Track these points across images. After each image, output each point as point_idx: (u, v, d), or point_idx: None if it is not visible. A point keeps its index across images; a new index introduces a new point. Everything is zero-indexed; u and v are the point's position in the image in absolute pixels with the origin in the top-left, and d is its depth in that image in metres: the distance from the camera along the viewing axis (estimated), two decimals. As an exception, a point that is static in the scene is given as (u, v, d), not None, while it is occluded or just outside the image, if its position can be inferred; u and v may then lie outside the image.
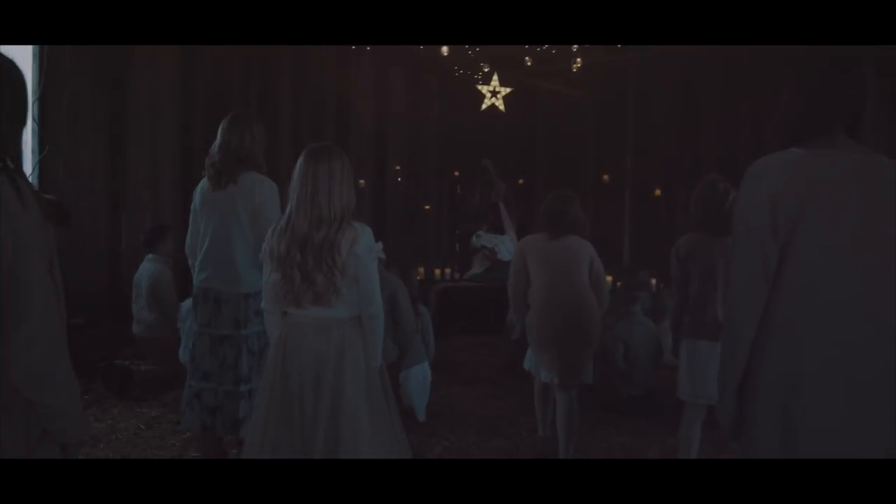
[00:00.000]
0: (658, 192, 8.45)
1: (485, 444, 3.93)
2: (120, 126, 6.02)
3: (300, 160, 2.35)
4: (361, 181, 8.44)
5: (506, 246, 7.74)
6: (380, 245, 2.33)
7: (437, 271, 9.06)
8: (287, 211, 2.33)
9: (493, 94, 8.15)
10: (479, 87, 8.16)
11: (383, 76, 8.62)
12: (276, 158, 7.31)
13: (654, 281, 7.32)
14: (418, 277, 7.59)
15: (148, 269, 4.92)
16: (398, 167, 8.99)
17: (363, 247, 2.27)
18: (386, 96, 8.72)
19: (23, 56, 5.43)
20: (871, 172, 1.61)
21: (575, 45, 7.37)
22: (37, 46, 5.35)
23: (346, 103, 8.25)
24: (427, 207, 9.36)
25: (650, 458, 3.69)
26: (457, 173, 9.66)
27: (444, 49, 7.06)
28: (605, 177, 8.81)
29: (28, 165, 5.61)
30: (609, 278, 8.22)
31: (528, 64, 7.62)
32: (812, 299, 1.56)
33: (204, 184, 3.16)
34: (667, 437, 3.82)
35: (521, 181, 9.30)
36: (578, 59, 7.39)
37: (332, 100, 8.11)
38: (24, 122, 1.66)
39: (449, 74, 8.54)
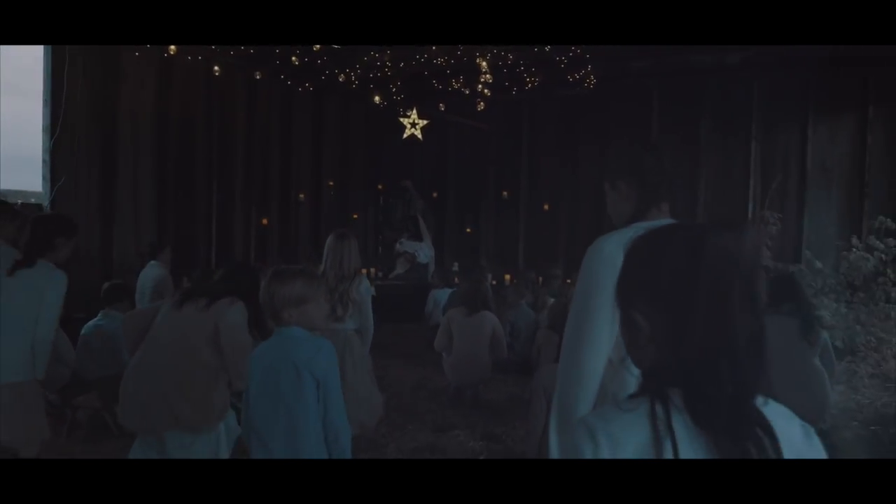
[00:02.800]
0: (546, 206, 10.39)
1: (415, 396, 5.70)
2: (110, 161, 7.35)
3: (330, 239, 4.07)
4: (301, 194, 10.00)
5: (423, 251, 9.50)
6: (373, 288, 4.08)
7: (364, 270, 10.67)
8: (323, 268, 4.02)
9: (413, 125, 9.83)
10: (401, 119, 9.84)
11: (319, 108, 10.18)
12: (231, 176, 8.82)
13: (540, 279, 9.22)
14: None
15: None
16: (331, 183, 10.56)
17: (363, 289, 4.02)
18: (321, 125, 10.29)
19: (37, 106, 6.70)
20: None
21: (479, 87, 9.16)
22: (49, 95, 6.63)
23: (288, 130, 9.78)
24: (355, 216, 10.98)
25: (526, 398, 5.55)
26: (380, 187, 11.35)
27: (376, 97, 8.71)
28: (504, 193, 10.66)
29: (37, 186, 6.88)
30: (507, 277, 10.13)
31: (442, 108, 9.36)
32: None
33: None
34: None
35: (434, 194, 11.05)
36: (482, 102, 9.19)
37: (277, 128, 9.62)
38: None
39: (375, 107, 10.18)
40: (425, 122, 9.81)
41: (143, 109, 7.68)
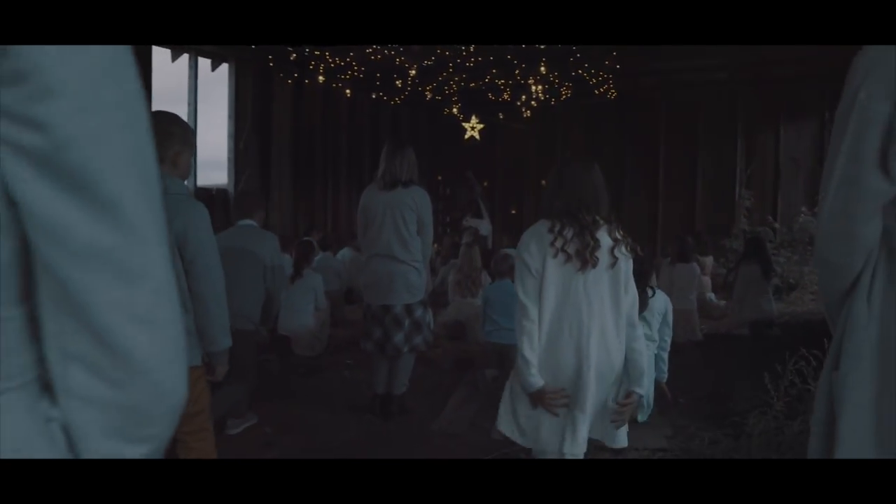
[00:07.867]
0: (577, 191, 13.02)
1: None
2: (266, 161, 10.09)
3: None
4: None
5: (484, 226, 12.21)
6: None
7: (434, 245, 13.42)
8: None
9: (472, 128, 12.53)
10: (464, 123, 12.52)
11: (397, 118, 12.91)
12: (337, 173, 11.53)
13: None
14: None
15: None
16: (405, 175, 13.26)
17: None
18: (398, 131, 13.03)
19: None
20: None
21: (525, 99, 11.82)
22: (233, 111, 9.35)
23: (377, 137, 12.51)
24: (423, 202, 13.69)
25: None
26: (439, 178, 14.08)
27: (454, 109, 11.43)
28: (543, 182, 13.24)
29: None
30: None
31: (501, 116, 12.10)
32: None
33: None
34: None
35: (485, 183, 13.74)
36: (528, 111, 11.89)
37: (368, 135, 12.36)
38: None
39: (438, 114, 12.90)
40: (482, 125, 12.50)
41: (286, 123, 10.44)
